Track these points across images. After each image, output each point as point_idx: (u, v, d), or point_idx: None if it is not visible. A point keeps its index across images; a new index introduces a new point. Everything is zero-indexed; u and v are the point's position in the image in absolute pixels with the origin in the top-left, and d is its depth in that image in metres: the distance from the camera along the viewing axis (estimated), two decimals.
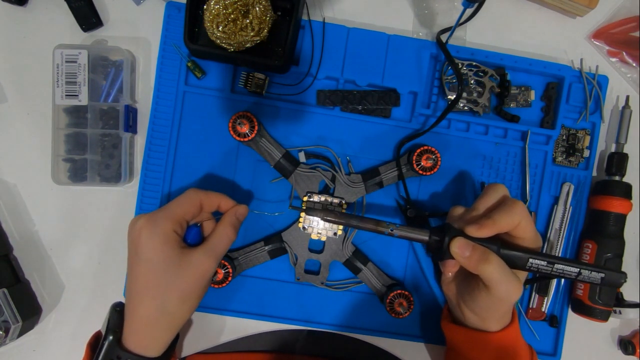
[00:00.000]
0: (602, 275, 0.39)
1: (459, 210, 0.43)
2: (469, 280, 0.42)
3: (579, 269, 0.39)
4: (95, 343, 0.40)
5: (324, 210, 0.41)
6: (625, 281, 0.39)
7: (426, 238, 0.41)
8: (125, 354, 0.37)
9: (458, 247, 0.39)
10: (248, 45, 0.44)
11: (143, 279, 0.36)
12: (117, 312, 0.39)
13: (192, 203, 0.40)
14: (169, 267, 0.36)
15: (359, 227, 0.41)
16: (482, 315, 0.42)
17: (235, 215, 0.42)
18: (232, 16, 0.43)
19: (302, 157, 0.48)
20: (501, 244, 0.39)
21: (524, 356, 0.43)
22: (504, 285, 0.38)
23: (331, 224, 0.48)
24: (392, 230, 0.40)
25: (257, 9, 0.43)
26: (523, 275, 0.42)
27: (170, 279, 0.36)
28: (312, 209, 0.41)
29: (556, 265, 0.39)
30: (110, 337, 0.37)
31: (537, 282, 0.50)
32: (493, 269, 0.37)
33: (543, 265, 0.39)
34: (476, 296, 0.40)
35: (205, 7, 0.44)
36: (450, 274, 0.44)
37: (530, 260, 0.39)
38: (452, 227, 0.40)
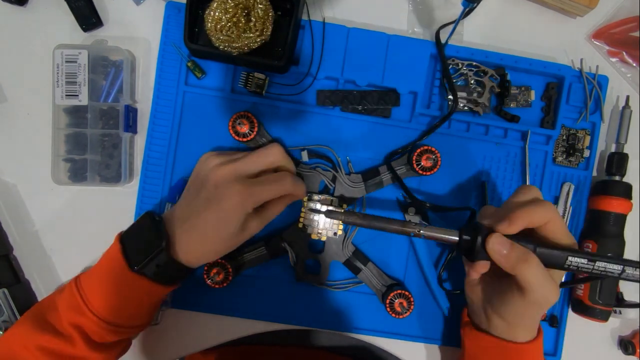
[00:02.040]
0: None
1: (490, 210, 0.41)
2: (499, 283, 0.40)
3: (622, 267, 0.36)
4: (124, 239, 0.42)
5: (346, 213, 0.40)
6: None
7: (456, 238, 0.38)
8: (173, 262, 0.40)
9: (497, 243, 0.36)
10: (253, 46, 0.44)
11: (214, 230, 0.40)
12: (160, 223, 0.41)
13: (284, 192, 0.43)
14: (236, 231, 0.41)
15: (384, 228, 0.39)
16: (512, 322, 0.40)
17: (292, 199, 0.45)
18: (233, 19, 0.43)
19: (304, 157, 0.48)
20: (538, 243, 0.37)
21: None
22: (542, 289, 0.36)
23: (332, 223, 0.48)
24: (419, 231, 0.38)
25: (258, 10, 0.43)
26: (559, 276, 0.40)
27: (233, 237, 0.41)
28: (333, 212, 0.41)
29: (597, 263, 0.36)
30: (164, 244, 0.39)
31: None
32: (532, 271, 0.36)
33: (583, 264, 0.36)
34: (508, 300, 0.39)
35: (206, 13, 0.43)
36: (477, 275, 0.42)
37: (570, 258, 0.36)
38: (483, 226, 0.38)
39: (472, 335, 0.44)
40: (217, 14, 0.43)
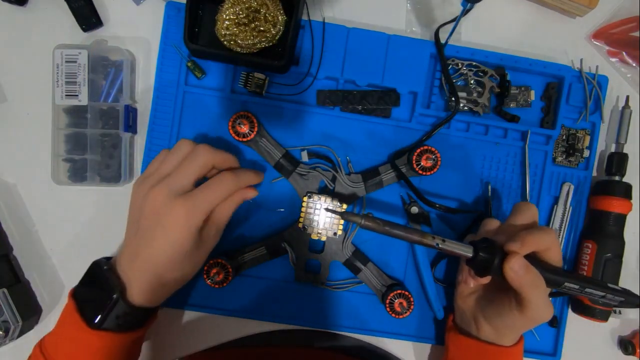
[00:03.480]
0: (622, 299, 0.41)
1: (493, 225, 0.43)
2: (495, 294, 0.42)
3: (604, 294, 0.41)
4: (77, 293, 0.41)
5: (365, 217, 0.37)
6: None
7: (470, 254, 0.39)
8: (133, 310, 0.39)
9: (518, 266, 0.37)
10: (263, 45, 0.44)
11: (168, 255, 0.39)
12: (112, 271, 0.40)
13: (229, 192, 0.41)
14: (192, 248, 0.40)
15: (403, 237, 0.38)
16: (503, 332, 0.42)
17: (243, 196, 0.44)
18: (244, 20, 0.43)
19: (304, 157, 0.48)
20: (540, 265, 0.39)
21: None
22: (541, 309, 0.39)
23: (332, 223, 0.48)
24: (437, 244, 0.38)
25: (264, 12, 0.43)
26: (549, 290, 0.42)
27: (190, 257, 0.40)
28: (349, 214, 0.38)
29: (586, 289, 0.40)
30: (116, 296, 0.38)
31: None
32: (538, 293, 0.38)
33: (575, 288, 0.40)
34: (504, 313, 0.40)
35: (218, 12, 0.44)
36: (477, 286, 0.44)
37: (566, 283, 0.40)
38: (497, 244, 0.39)
39: (458, 340, 0.45)
40: (227, 13, 0.43)
